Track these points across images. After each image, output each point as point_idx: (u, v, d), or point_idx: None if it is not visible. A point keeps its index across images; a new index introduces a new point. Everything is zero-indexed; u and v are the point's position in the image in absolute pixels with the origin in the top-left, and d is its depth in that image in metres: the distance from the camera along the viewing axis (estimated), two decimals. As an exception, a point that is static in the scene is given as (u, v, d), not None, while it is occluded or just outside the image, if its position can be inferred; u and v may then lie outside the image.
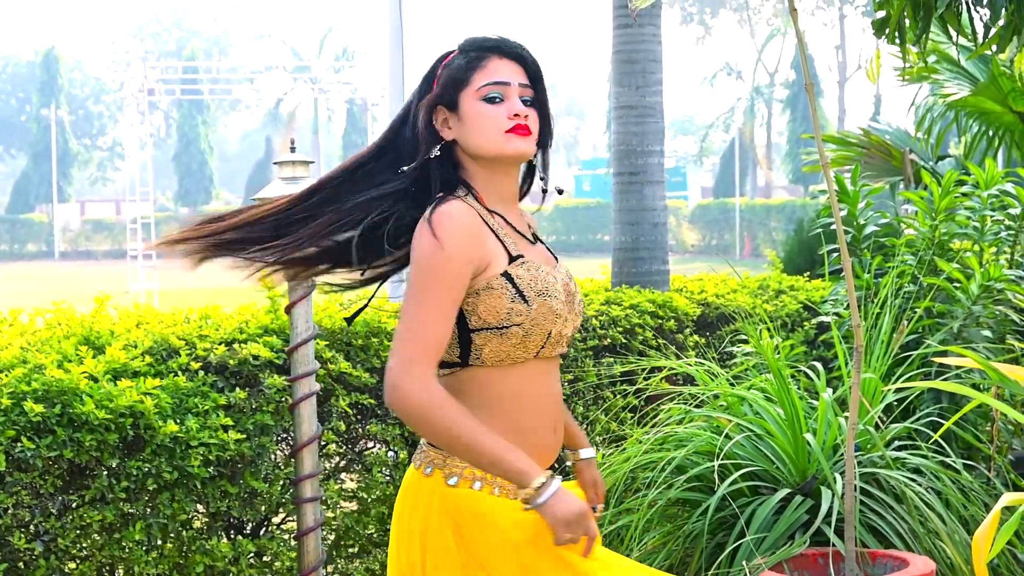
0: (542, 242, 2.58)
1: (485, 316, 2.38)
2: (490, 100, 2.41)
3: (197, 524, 3.88)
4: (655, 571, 2.47)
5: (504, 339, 2.39)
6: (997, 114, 6.35)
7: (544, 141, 2.52)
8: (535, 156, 2.54)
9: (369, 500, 4.19)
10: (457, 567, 2.37)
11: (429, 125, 2.46)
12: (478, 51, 2.44)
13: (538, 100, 2.47)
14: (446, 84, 2.43)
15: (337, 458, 4.27)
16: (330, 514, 4.15)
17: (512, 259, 2.42)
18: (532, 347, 2.41)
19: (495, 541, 2.35)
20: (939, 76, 6.39)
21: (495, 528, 2.35)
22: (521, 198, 2.62)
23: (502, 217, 2.48)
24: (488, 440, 2.28)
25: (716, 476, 3.93)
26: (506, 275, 2.40)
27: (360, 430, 4.25)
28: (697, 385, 4.53)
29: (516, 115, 2.41)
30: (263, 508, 3.97)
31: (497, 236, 2.43)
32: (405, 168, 2.46)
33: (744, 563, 3.73)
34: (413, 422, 2.29)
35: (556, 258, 2.59)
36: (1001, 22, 4.07)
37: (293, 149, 3.66)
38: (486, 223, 2.43)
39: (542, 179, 2.58)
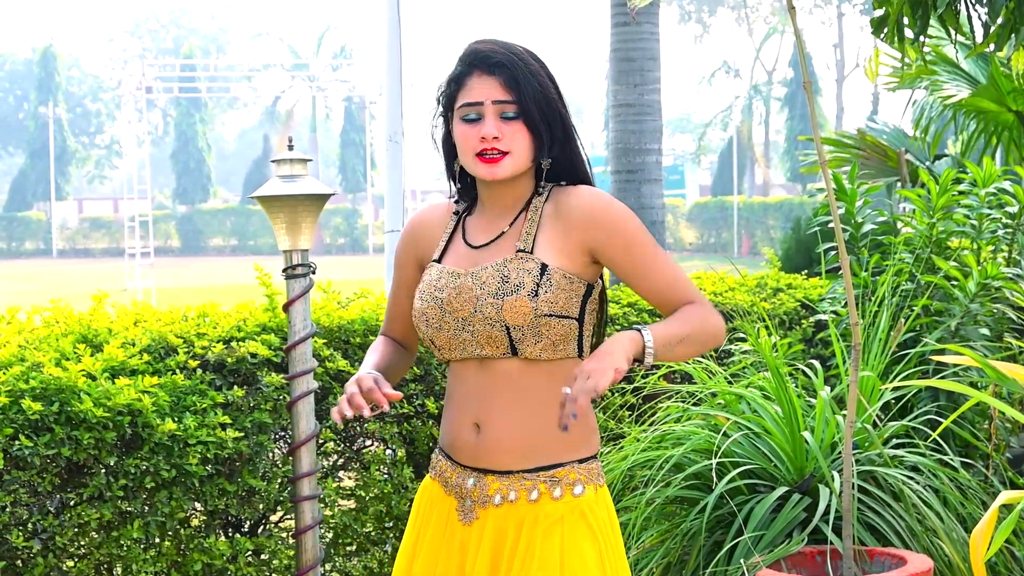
0: (525, 251, 2.37)
1: None
2: (468, 120, 2.39)
3: (195, 522, 3.88)
4: None
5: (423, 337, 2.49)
6: (995, 113, 6.35)
7: (542, 147, 2.40)
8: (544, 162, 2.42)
9: (367, 498, 4.19)
10: None
11: (445, 138, 2.50)
12: (461, 65, 2.43)
13: (523, 111, 2.36)
14: (442, 99, 2.46)
15: (335, 456, 4.27)
16: (328, 512, 4.15)
17: (435, 261, 2.49)
18: (434, 349, 2.45)
19: None
20: (937, 77, 6.38)
21: None
22: None
23: (465, 222, 2.52)
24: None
25: (714, 474, 3.94)
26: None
27: (358, 428, 4.25)
28: (695, 383, 4.53)
29: (483, 138, 2.37)
30: (261, 506, 3.97)
31: (447, 239, 2.51)
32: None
33: (742, 561, 3.74)
34: None
35: (514, 260, 2.37)
36: (1000, 20, 4.07)
37: (291, 147, 3.65)
38: (452, 224, 2.51)
39: (540, 188, 2.44)
